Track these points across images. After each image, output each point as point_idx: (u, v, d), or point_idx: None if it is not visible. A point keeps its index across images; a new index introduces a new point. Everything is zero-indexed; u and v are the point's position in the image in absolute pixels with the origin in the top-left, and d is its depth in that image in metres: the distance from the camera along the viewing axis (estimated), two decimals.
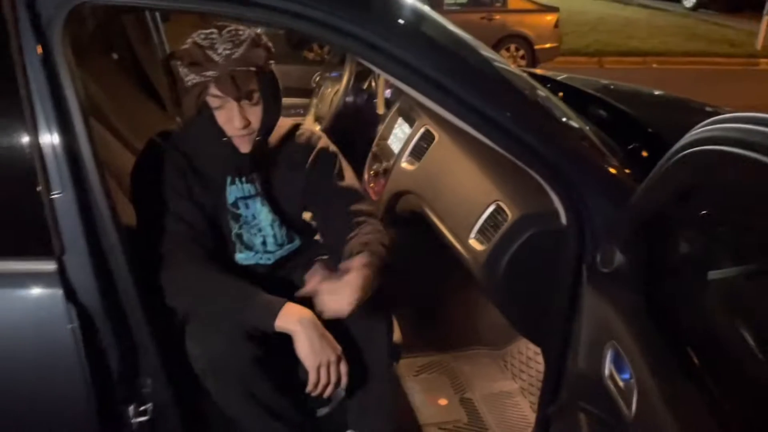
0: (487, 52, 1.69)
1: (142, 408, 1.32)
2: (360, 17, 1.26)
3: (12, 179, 1.13)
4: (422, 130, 2.04)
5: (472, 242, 1.64)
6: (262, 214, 1.52)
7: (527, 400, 2.04)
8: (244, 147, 1.42)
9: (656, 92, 2.59)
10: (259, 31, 1.39)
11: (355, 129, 2.47)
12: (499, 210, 1.59)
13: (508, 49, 8.23)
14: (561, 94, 2.27)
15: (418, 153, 2.03)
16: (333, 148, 1.59)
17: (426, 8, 1.69)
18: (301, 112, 2.74)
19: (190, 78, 1.32)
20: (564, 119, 1.54)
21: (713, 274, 1.13)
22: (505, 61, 1.79)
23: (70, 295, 1.16)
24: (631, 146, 1.71)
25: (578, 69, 9.28)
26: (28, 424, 1.22)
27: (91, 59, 2.32)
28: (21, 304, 1.16)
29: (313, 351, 1.34)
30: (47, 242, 1.13)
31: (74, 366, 1.17)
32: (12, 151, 1.12)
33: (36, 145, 1.12)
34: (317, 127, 2.52)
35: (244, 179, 1.49)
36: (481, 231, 1.63)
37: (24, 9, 1.11)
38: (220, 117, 1.37)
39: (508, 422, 1.95)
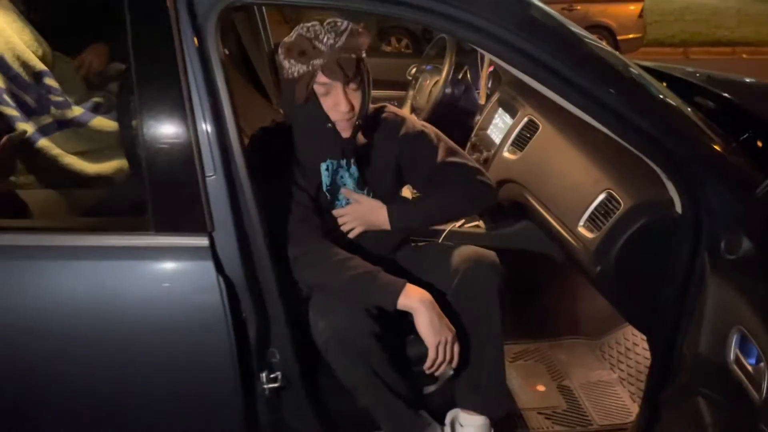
0: (594, 41, 1.71)
1: (272, 375, 1.44)
2: (479, 8, 1.31)
3: (175, 163, 1.24)
4: (525, 119, 2.07)
5: (582, 230, 1.66)
6: (349, 185, 1.60)
7: (626, 389, 2.04)
8: (346, 132, 1.50)
9: (758, 81, 2.51)
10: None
11: (454, 120, 2.52)
12: (610, 198, 1.61)
13: None
14: (664, 83, 2.26)
15: (520, 143, 2.07)
16: (419, 122, 1.69)
17: None
18: (395, 103, 2.81)
19: (298, 68, 1.42)
20: (676, 105, 1.55)
21: None
22: (608, 47, 1.80)
23: (219, 267, 1.27)
24: (744, 136, 1.70)
25: (663, 60, 8.96)
26: (179, 382, 1.35)
27: None
28: (179, 275, 1.28)
29: (433, 330, 1.42)
30: (202, 220, 1.25)
31: (222, 332, 1.28)
32: (173, 137, 1.24)
33: (193, 131, 1.23)
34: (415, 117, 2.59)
35: (343, 163, 1.56)
36: (591, 219, 1.65)
37: (184, 7, 1.23)
38: (326, 103, 1.45)
39: (608, 410, 1.96)
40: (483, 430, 1.62)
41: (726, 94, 2.07)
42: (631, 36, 8.16)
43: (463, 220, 2.29)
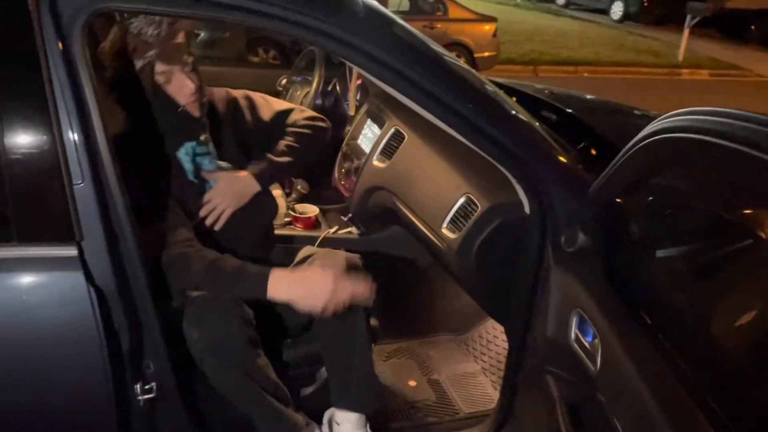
0: (447, 53, 1.86)
1: (147, 386, 1.41)
2: (346, 23, 1.40)
3: (39, 171, 1.20)
4: (392, 130, 2.19)
5: (445, 231, 1.80)
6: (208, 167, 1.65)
7: (489, 378, 2.22)
8: (196, 111, 1.58)
9: (594, 97, 2.84)
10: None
11: None
12: (469, 201, 1.76)
13: None
14: (514, 98, 2.49)
15: (388, 151, 2.19)
16: (252, 93, 1.81)
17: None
18: None
19: (138, 63, 1.47)
20: (523, 117, 1.73)
21: (660, 253, 1.34)
22: (462, 63, 1.96)
23: (90, 277, 1.24)
24: (581, 145, 1.92)
25: (515, 77, 9.66)
26: (51, 395, 1.30)
27: None
28: (47, 287, 1.23)
29: (313, 307, 1.48)
30: (70, 229, 1.22)
31: (95, 344, 1.25)
32: (38, 144, 1.19)
33: (59, 138, 1.20)
34: None
35: (202, 144, 1.62)
36: (452, 221, 1.79)
37: (47, 11, 1.19)
38: (172, 89, 1.53)
39: (473, 398, 2.11)
40: (358, 425, 1.69)
41: (567, 109, 2.32)
42: (486, 54, 8.69)
43: (336, 227, 2.37)
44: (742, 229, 1.17)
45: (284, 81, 2.84)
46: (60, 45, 1.20)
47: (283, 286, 1.48)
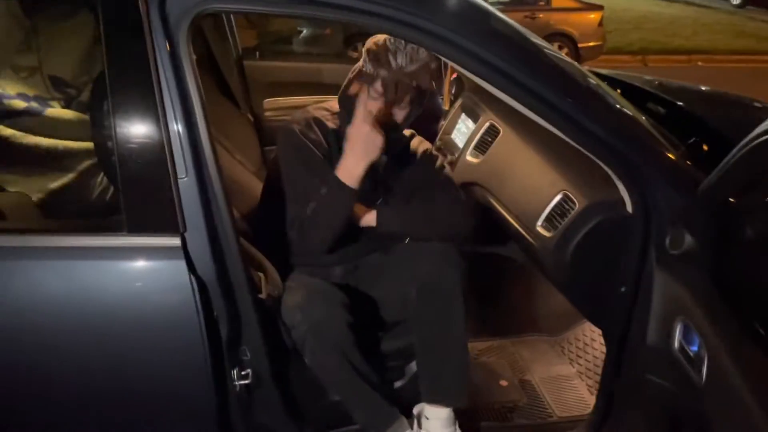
0: (546, 45, 1.80)
1: (243, 372, 1.47)
2: (442, 18, 1.38)
3: (148, 165, 1.28)
4: (487, 124, 2.15)
5: (540, 229, 1.75)
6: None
7: (584, 383, 2.13)
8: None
9: (708, 89, 2.65)
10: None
11: (418, 125, 2.58)
12: (566, 199, 1.69)
13: None
14: (618, 90, 2.37)
15: (482, 147, 2.15)
16: (433, 152, 1.87)
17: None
18: None
19: (367, 68, 1.60)
20: (626, 111, 1.64)
21: None
22: (566, 57, 1.89)
23: (192, 267, 1.31)
24: (691, 140, 1.80)
25: (622, 67, 9.24)
26: (154, 379, 1.38)
27: None
28: (153, 275, 1.31)
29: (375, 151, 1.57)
30: (174, 221, 1.29)
31: (195, 330, 1.32)
32: (146, 139, 1.27)
33: (166, 134, 1.27)
34: None
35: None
36: (548, 219, 1.73)
37: (156, 13, 1.26)
38: (371, 105, 1.60)
39: (567, 403, 2.04)
40: (448, 422, 1.68)
41: (677, 101, 2.19)
42: (591, 44, 8.37)
43: None
44: None
45: None
46: (168, 46, 1.27)
47: (350, 166, 1.55)
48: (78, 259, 1.28)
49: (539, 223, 1.76)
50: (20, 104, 1.47)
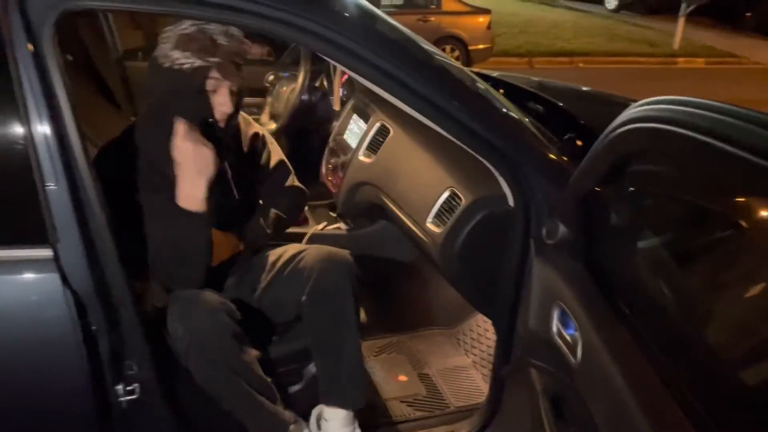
0: (433, 49, 1.85)
1: (129, 388, 1.41)
2: (325, 19, 1.38)
3: (9, 173, 1.19)
4: (378, 125, 2.18)
5: (430, 225, 1.79)
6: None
7: (479, 372, 2.21)
8: (222, 124, 1.56)
9: (585, 88, 2.83)
10: None
11: (311, 126, 2.59)
12: (453, 195, 1.75)
13: (443, 50, 8.50)
14: (501, 90, 2.48)
15: (374, 146, 2.18)
16: (266, 133, 1.83)
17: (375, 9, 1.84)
18: (255, 110, 2.84)
19: (192, 61, 1.45)
20: (507, 111, 1.72)
21: (640, 243, 1.33)
22: (449, 58, 1.96)
23: (65, 280, 1.24)
24: (566, 137, 1.91)
25: (510, 69, 9.65)
26: (27, 401, 1.29)
27: None
28: (22, 289, 1.23)
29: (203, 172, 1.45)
30: (44, 231, 1.21)
31: (71, 345, 1.24)
32: (8, 146, 1.19)
33: (30, 141, 1.19)
34: (273, 125, 2.62)
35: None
36: (437, 215, 1.78)
37: (16, 12, 1.18)
38: (216, 99, 1.51)
39: (464, 392, 2.11)
40: (346, 423, 1.69)
41: (556, 101, 2.31)
42: (481, 46, 8.68)
43: (324, 223, 2.37)
44: (720, 217, 1.16)
45: (271, 77, 2.83)
46: (30, 46, 1.19)
47: (187, 190, 1.44)
48: None
49: (429, 219, 1.80)
50: None
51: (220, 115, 1.53)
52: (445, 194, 1.77)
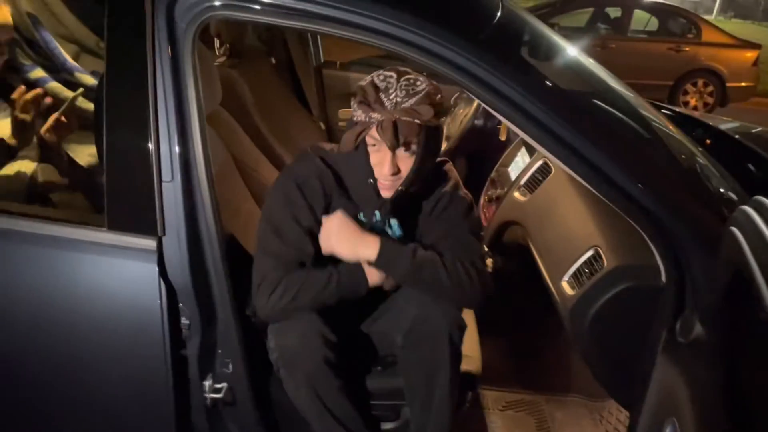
0: (611, 84, 1.62)
1: (217, 386, 1.44)
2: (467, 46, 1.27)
3: (132, 164, 1.29)
4: (540, 162, 1.98)
5: (564, 285, 1.57)
6: None
7: None
8: (387, 192, 1.42)
9: None
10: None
11: (481, 152, 2.45)
12: (597, 256, 1.51)
13: (695, 84, 7.67)
14: (709, 141, 2.10)
15: (532, 185, 1.98)
16: (469, 198, 1.55)
17: (553, 38, 1.67)
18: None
19: (357, 115, 1.36)
20: (679, 168, 1.43)
21: None
22: (627, 93, 1.69)
23: (163, 272, 1.30)
24: None
25: None
26: (112, 384, 1.39)
27: (251, 61, 2.57)
28: (125, 274, 1.32)
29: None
30: (153, 223, 1.28)
31: (158, 336, 1.31)
32: (134, 138, 1.28)
33: (154, 135, 1.26)
34: (444, 145, 2.54)
35: (379, 220, 1.50)
36: (575, 275, 1.55)
37: (163, 15, 1.26)
38: (374, 158, 1.38)
39: None
40: None
41: None
42: (742, 84, 7.66)
43: None
44: None
45: (456, 97, 2.75)
46: (169, 50, 1.27)
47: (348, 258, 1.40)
48: (55, 249, 1.30)
49: (565, 277, 1.58)
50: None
51: (381, 177, 1.39)
52: (589, 253, 1.53)
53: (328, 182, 1.47)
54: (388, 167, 1.36)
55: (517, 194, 2.04)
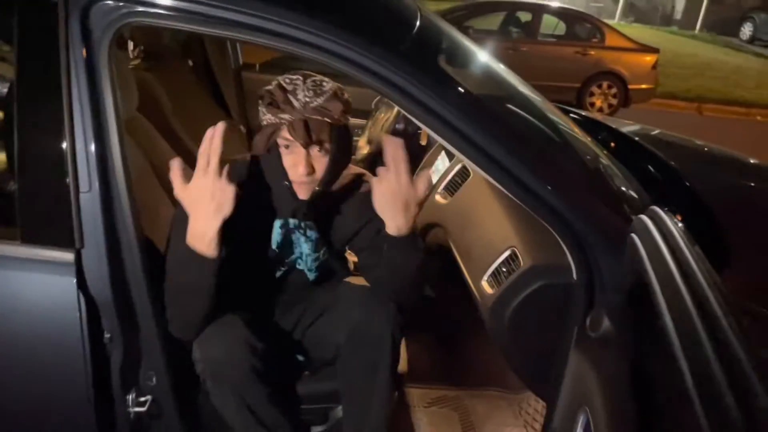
0: (521, 90, 1.70)
1: (141, 399, 1.41)
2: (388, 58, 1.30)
3: (47, 174, 1.24)
4: (459, 166, 2.05)
5: (484, 284, 1.64)
6: (304, 250, 1.57)
7: None
8: (303, 194, 1.43)
9: (714, 147, 2.47)
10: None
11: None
12: (513, 256, 1.58)
13: (599, 86, 8.08)
14: (613, 144, 2.24)
15: (452, 188, 2.05)
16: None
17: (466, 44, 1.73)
18: (359, 132, 2.81)
19: (267, 117, 1.36)
20: (586, 171, 1.53)
21: None
22: (536, 98, 1.78)
23: (82, 285, 1.26)
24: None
25: (674, 113, 8.93)
26: (32, 401, 1.33)
27: (167, 63, 2.51)
28: (41, 288, 1.27)
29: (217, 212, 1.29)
30: (70, 235, 1.24)
31: (78, 350, 1.27)
32: (49, 148, 1.23)
33: (70, 145, 1.22)
34: (367, 149, 2.58)
35: (298, 224, 1.51)
36: (494, 275, 1.62)
37: (77, 21, 1.22)
38: (287, 160, 1.39)
39: None
40: None
41: (669, 161, 2.06)
42: (643, 86, 8.14)
43: None
44: None
45: (377, 101, 2.78)
46: (84, 57, 1.23)
47: (199, 229, 1.30)
48: None
49: (485, 277, 1.65)
50: None
51: (295, 178, 1.40)
52: (506, 253, 1.60)
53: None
54: (303, 167, 1.37)
55: (438, 197, 2.10)
